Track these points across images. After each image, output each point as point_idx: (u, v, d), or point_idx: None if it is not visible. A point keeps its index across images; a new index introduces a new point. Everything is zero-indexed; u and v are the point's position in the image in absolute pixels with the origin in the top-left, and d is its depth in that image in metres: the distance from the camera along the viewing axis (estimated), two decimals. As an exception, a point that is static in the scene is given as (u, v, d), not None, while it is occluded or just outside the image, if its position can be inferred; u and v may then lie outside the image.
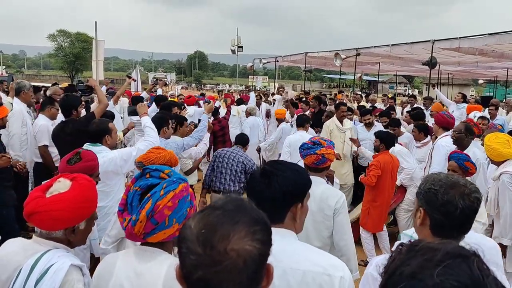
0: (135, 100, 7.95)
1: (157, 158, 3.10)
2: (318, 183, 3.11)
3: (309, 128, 7.32)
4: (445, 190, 1.85)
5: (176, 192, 1.72)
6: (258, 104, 11.41)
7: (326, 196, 3.13)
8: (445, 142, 5.46)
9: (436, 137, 5.94)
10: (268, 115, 11.12)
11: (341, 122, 7.53)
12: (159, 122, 4.66)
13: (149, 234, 1.70)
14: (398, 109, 11.87)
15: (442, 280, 0.83)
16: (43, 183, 2.23)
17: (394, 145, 5.87)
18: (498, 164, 4.46)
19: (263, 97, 12.89)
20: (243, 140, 5.99)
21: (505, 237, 4.16)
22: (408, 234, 2.73)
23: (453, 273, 0.84)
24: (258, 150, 9.09)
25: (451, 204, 1.82)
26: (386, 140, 5.74)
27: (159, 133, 4.36)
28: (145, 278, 1.71)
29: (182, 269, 1.07)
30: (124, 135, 6.29)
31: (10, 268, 1.90)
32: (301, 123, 7.04)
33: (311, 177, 2.03)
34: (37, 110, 6.46)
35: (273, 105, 11.23)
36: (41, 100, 6.87)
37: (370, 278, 1.87)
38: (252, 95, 11.86)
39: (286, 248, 1.73)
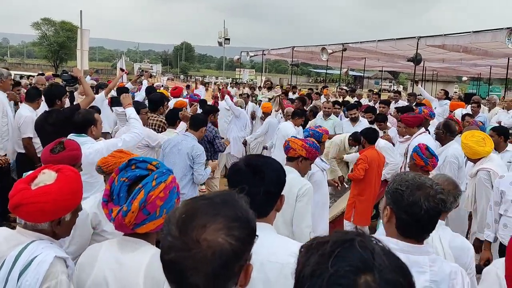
0: (120, 91, 7.87)
1: (117, 163, 2.75)
2: (288, 172, 3.15)
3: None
4: (411, 192, 1.89)
5: (167, 183, 1.75)
6: (246, 102, 11.23)
7: (292, 185, 3.16)
8: (420, 142, 5.47)
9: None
10: (253, 116, 10.68)
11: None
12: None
13: (139, 224, 1.72)
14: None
15: (336, 270, 0.86)
16: (24, 174, 2.21)
17: (376, 139, 5.93)
18: (474, 161, 4.55)
19: (250, 96, 12.49)
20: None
21: (481, 232, 4.25)
22: None
23: (344, 259, 0.88)
24: (244, 143, 9.11)
25: (416, 205, 1.86)
26: (366, 136, 5.81)
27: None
28: (127, 268, 1.72)
29: (161, 248, 1.10)
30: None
31: None
32: (294, 115, 7.26)
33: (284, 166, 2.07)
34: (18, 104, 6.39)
35: (259, 106, 10.81)
36: (26, 90, 6.74)
37: None
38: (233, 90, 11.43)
39: (264, 241, 1.74)
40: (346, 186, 6.87)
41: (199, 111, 7.11)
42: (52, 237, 2.01)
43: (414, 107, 8.13)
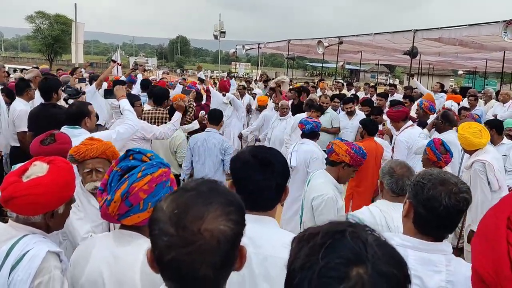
0: (116, 84, 7.81)
1: (88, 151, 2.72)
2: (319, 177, 3.30)
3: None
4: (433, 185, 1.82)
5: (154, 176, 1.71)
6: (242, 94, 10.98)
7: (312, 190, 3.23)
8: (404, 138, 5.54)
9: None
10: (249, 110, 10.45)
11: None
12: None
13: (123, 215, 1.70)
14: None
15: (327, 262, 0.84)
16: (14, 167, 2.17)
17: (376, 131, 5.92)
18: (470, 153, 4.56)
19: (246, 88, 12.22)
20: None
21: (476, 224, 4.26)
22: (354, 215, 2.79)
23: (334, 251, 0.85)
24: (240, 136, 9.08)
25: (435, 199, 1.79)
26: (368, 127, 5.79)
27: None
28: (122, 262, 1.69)
29: (154, 251, 1.06)
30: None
31: None
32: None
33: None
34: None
35: (255, 99, 10.62)
36: (15, 83, 6.70)
37: None
38: (233, 82, 11.43)
39: (267, 235, 1.73)
40: None
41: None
42: (45, 231, 1.98)
43: (404, 100, 8.13)
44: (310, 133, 5.14)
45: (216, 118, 5.50)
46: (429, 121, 6.45)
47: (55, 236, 2.37)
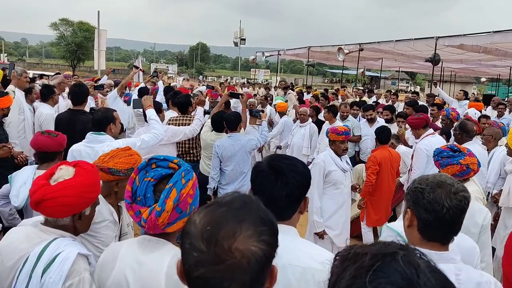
0: (141, 92, 7.89)
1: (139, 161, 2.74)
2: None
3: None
4: (431, 189, 1.81)
5: (193, 180, 1.76)
6: (263, 106, 10.56)
7: (473, 212, 2.88)
8: (424, 145, 5.39)
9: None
10: (270, 123, 9.61)
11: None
12: None
13: (171, 224, 1.69)
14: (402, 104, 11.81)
15: (374, 286, 0.79)
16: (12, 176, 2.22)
17: (388, 140, 5.85)
18: None
19: (267, 98, 11.77)
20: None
21: None
22: (393, 228, 2.59)
23: (384, 276, 0.80)
24: (260, 150, 9.01)
25: (437, 203, 1.78)
26: (378, 136, 5.74)
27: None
28: (147, 268, 1.69)
29: (184, 265, 1.05)
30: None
31: (15, 256, 1.89)
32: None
33: None
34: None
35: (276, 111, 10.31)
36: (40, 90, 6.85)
37: None
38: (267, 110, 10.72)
39: (287, 244, 1.68)
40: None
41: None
42: (73, 233, 2.03)
43: (431, 108, 8.02)
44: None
45: (232, 125, 5.37)
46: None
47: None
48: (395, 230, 2.60)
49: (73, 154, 3.63)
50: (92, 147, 3.62)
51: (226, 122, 5.44)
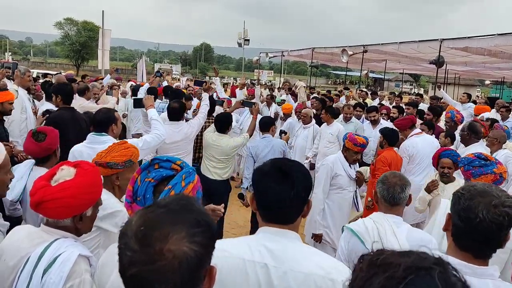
0: (151, 92, 7.82)
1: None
2: None
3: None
4: (471, 196, 1.70)
5: (194, 183, 1.75)
6: (269, 104, 10.72)
7: None
8: (406, 146, 5.88)
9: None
10: (276, 118, 9.85)
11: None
12: None
13: None
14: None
15: None
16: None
17: (397, 141, 5.86)
18: None
19: (271, 94, 11.85)
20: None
21: None
22: (349, 227, 2.77)
23: None
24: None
25: (471, 210, 1.67)
26: (389, 137, 5.72)
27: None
28: None
29: (119, 264, 1.05)
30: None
31: (17, 256, 1.90)
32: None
33: None
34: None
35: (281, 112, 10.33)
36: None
37: None
38: (257, 90, 11.09)
39: (288, 249, 1.68)
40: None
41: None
42: (75, 234, 2.02)
43: (427, 112, 8.02)
44: None
45: (266, 125, 5.89)
46: (456, 133, 6.34)
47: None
48: (350, 228, 2.74)
49: (75, 155, 3.62)
50: (94, 148, 3.57)
51: (259, 123, 5.99)
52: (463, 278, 0.83)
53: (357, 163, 5.14)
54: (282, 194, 1.70)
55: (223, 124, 5.64)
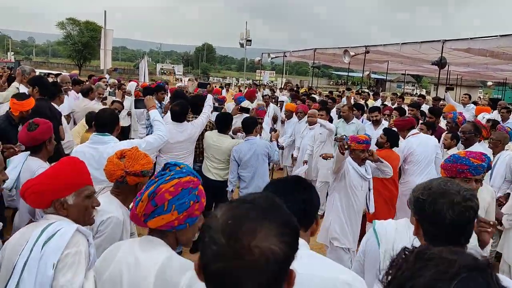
0: (146, 91, 7.83)
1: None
2: None
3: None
4: (433, 200, 1.75)
5: (181, 180, 1.77)
6: (267, 104, 10.65)
7: None
8: (401, 146, 5.95)
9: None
10: (275, 119, 10.15)
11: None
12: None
13: (149, 216, 1.75)
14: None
15: None
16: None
17: (397, 145, 5.86)
18: None
19: (271, 97, 11.98)
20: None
21: None
22: (374, 225, 2.51)
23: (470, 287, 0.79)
24: (282, 148, 8.98)
25: (439, 215, 1.71)
26: (392, 139, 5.71)
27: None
28: (142, 266, 1.72)
29: (202, 258, 1.02)
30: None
31: (21, 240, 2.03)
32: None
33: None
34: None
35: (283, 108, 10.30)
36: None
37: None
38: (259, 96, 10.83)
39: (302, 255, 1.69)
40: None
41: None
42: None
43: (429, 115, 8.02)
44: None
45: (249, 126, 5.61)
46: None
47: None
48: (373, 226, 2.50)
49: (77, 155, 3.62)
50: (96, 148, 3.59)
51: (242, 125, 5.72)
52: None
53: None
54: (295, 196, 1.75)
55: (223, 124, 5.64)
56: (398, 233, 2.41)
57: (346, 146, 4.40)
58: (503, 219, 4.45)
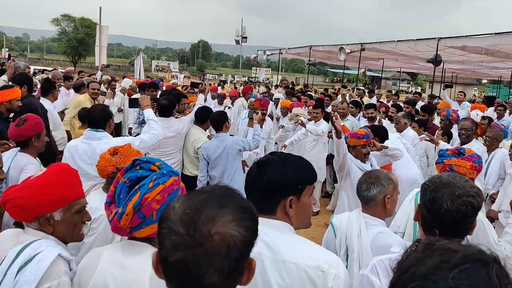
0: (142, 88, 7.74)
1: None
2: None
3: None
4: (436, 187, 1.77)
5: (165, 186, 1.64)
6: None
7: None
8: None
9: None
10: (271, 116, 9.58)
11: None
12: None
13: (136, 228, 1.62)
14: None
15: (456, 285, 0.78)
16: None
17: (387, 138, 5.81)
18: None
19: (267, 92, 12.04)
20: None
21: None
22: (333, 220, 2.73)
23: (469, 278, 0.79)
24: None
25: (437, 202, 1.74)
26: (379, 133, 5.65)
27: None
28: (130, 271, 1.63)
29: (160, 250, 1.01)
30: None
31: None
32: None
33: None
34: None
35: (278, 106, 10.11)
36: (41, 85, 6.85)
37: (365, 280, 1.76)
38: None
39: (279, 240, 1.65)
40: None
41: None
42: (59, 240, 1.90)
43: (422, 114, 8.01)
44: None
45: (218, 122, 5.19)
46: (453, 130, 6.40)
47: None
48: (331, 220, 2.75)
49: (70, 151, 3.62)
50: (89, 144, 3.59)
51: (211, 121, 5.35)
52: None
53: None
54: (253, 182, 1.73)
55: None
56: (350, 222, 2.61)
57: (334, 118, 4.35)
58: (499, 217, 4.47)
